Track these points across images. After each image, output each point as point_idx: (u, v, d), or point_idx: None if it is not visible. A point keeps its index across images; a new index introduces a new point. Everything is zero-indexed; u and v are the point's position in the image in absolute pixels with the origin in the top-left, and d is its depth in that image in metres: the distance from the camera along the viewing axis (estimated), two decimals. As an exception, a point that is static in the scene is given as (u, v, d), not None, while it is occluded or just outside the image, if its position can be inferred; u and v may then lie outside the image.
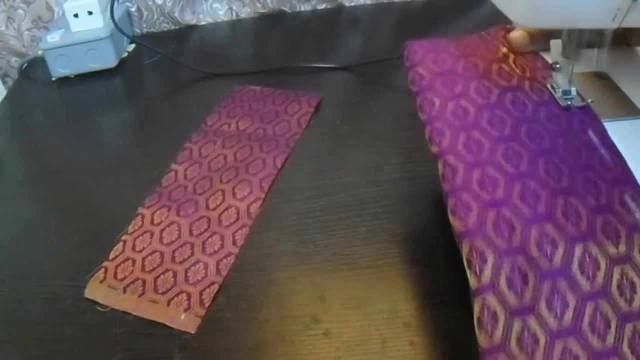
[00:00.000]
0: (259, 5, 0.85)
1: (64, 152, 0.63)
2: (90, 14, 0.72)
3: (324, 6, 0.87)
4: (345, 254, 0.46)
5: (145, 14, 0.84)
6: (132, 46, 0.80)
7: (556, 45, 0.40)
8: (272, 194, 0.52)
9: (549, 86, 0.40)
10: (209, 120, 0.63)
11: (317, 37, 0.80)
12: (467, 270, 0.32)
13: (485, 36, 0.44)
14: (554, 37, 0.40)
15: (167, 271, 0.45)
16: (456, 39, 0.45)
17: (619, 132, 0.38)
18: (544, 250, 0.32)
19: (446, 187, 0.34)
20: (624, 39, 0.44)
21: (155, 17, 0.84)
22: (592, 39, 0.42)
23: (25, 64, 0.79)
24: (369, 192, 0.51)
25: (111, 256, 0.47)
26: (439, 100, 0.38)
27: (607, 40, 0.42)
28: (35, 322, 0.43)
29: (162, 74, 0.75)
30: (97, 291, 0.44)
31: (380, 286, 0.43)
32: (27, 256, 0.49)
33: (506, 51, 0.42)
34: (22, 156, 0.65)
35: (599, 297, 0.31)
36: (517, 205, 0.33)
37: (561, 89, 0.40)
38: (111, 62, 0.74)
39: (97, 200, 0.55)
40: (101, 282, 0.45)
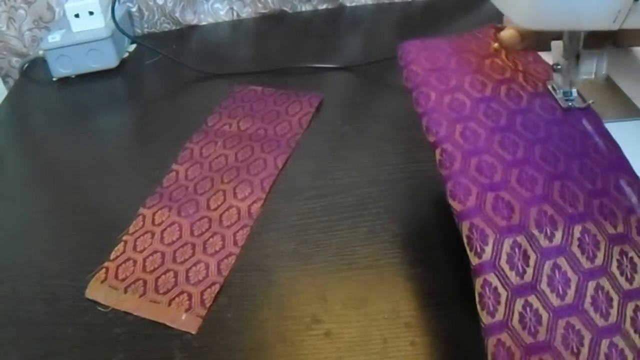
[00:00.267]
0: (260, 5, 0.85)
1: (65, 152, 0.63)
2: (91, 14, 0.72)
3: (325, 6, 0.87)
4: (346, 254, 0.46)
5: (146, 14, 0.84)
6: (133, 46, 0.80)
7: (557, 46, 0.40)
8: (273, 194, 0.52)
9: (550, 87, 0.40)
10: (210, 120, 0.63)
11: (318, 37, 0.80)
12: (467, 248, 0.32)
13: (476, 34, 0.44)
14: (554, 38, 0.40)
15: (168, 271, 0.45)
16: (448, 38, 0.45)
17: (620, 133, 0.38)
18: (544, 229, 0.32)
19: (444, 172, 0.35)
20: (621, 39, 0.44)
21: (156, 17, 0.84)
22: (593, 40, 0.42)
23: (26, 64, 0.79)
24: (370, 192, 0.51)
25: (112, 256, 0.47)
26: (434, 93, 0.39)
27: (608, 41, 0.42)
28: (36, 322, 0.43)
29: (163, 74, 0.75)
30: (98, 291, 0.45)
31: (381, 286, 0.43)
32: (28, 256, 0.49)
33: (497, 47, 0.42)
34: (23, 156, 0.65)
35: (600, 275, 0.31)
36: (515, 188, 0.33)
37: (562, 90, 0.40)
38: (112, 62, 0.74)
39: (98, 200, 0.55)
40: (102, 282, 0.45)
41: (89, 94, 0.72)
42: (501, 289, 0.31)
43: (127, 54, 0.78)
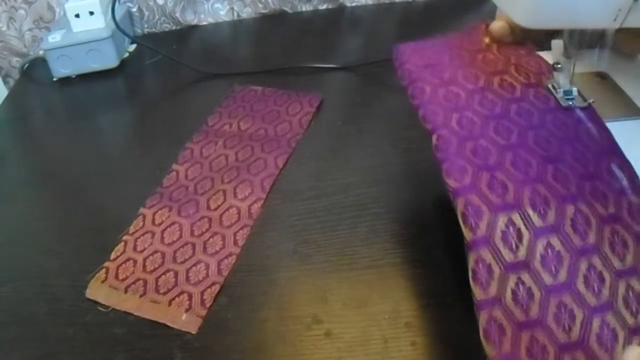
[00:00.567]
0: (260, 5, 0.85)
1: (66, 153, 0.63)
2: (91, 14, 0.72)
3: (325, 6, 0.87)
4: (346, 255, 0.46)
5: (146, 14, 0.84)
6: (133, 46, 0.80)
7: (557, 45, 0.40)
8: (274, 194, 0.52)
9: (550, 86, 0.40)
10: (210, 120, 0.63)
11: (318, 37, 0.80)
12: (461, 224, 0.32)
13: (468, 31, 0.45)
14: (555, 37, 0.40)
15: (168, 271, 0.45)
16: (441, 37, 0.46)
17: (620, 133, 0.38)
18: (538, 208, 0.33)
19: (440, 155, 0.35)
20: (622, 38, 0.44)
21: (156, 17, 0.84)
22: (594, 39, 0.42)
23: (26, 64, 0.79)
24: (370, 193, 0.51)
25: (112, 256, 0.47)
26: (429, 87, 0.40)
27: (609, 40, 0.42)
28: (36, 323, 0.43)
29: (163, 74, 0.75)
30: (98, 291, 0.45)
31: (381, 286, 0.43)
32: (28, 256, 0.49)
33: (489, 42, 0.43)
34: (24, 156, 0.65)
35: (593, 254, 0.32)
36: (509, 170, 0.34)
37: (562, 89, 0.40)
38: (112, 62, 0.74)
39: (98, 200, 0.55)
40: (102, 282, 0.45)
41: (89, 94, 0.72)
42: (494, 265, 0.31)
43: (127, 54, 0.78)
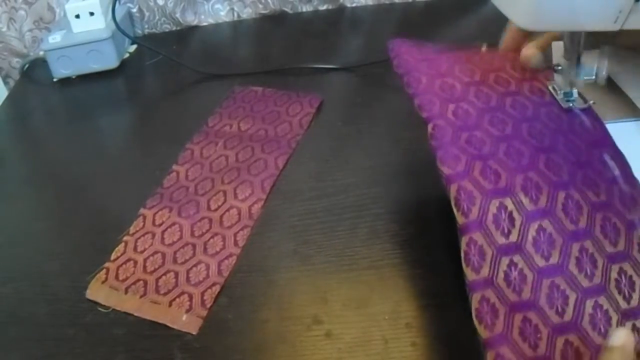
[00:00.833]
0: (260, 5, 0.85)
1: (66, 153, 0.63)
2: (91, 14, 0.72)
3: (325, 7, 0.87)
4: (346, 255, 0.46)
5: (146, 14, 0.84)
6: (134, 47, 0.80)
7: (558, 47, 0.40)
8: (274, 195, 0.52)
9: (551, 88, 0.40)
10: (211, 121, 0.63)
11: (318, 37, 0.80)
12: (454, 209, 0.33)
13: (480, 52, 0.45)
14: (556, 39, 0.40)
15: (168, 272, 0.45)
16: (441, 45, 0.46)
17: (620, 133, 0.38)
18: (529, 193, 0.33)
19: (435, 143, 0.36)
20: (622, 40, 0.44)
21: (156, 17, 0.84)
22: (594, 41, 0.42)
23: (26, 65, 0.79)
24: (371, 193, 0.51)
25: (113, 257, 0.47)
26: (425, 77, 0.40)
27: (609, 42, 0.42)
28: (37, 323, 0.43)
29: (163, 75, 0.75)
30: (98, 292, 0.45)
31: (381, 287, 0.43)
32: (28, 257, 0.49)
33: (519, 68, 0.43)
34: (24, 157, 0.65)
35: (584, 238, 0.32)
36: (503, 159, 0.35)
37: (563, 91, 0.40)
38: (112, 62, 0.74)
39: (98, 201, 0.55)
40: (103, 283, 0.45)
41: (89, 95, 0.72)
42: (486, 248, 0.31)
43: (127, 55, 0.78)
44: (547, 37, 0.41)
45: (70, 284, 0.46)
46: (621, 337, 0.27)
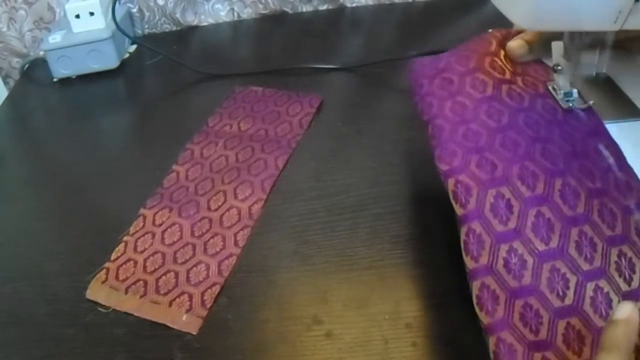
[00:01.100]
0: (260, 6, 0.85)
1: (66, 153, 0.63)
2: (91, 14, 0.72)
3: (325, 7, 0.87)
4: (346, 255, 0.46)
5: (146, 14, 0.84)
6: (134, 47, 0.80)
7: (558, 47, 0.40)
8: (274, 195, 0.52)
9: (551, 88, 0.40)
10: (211, 121, 0.63)
11: (318, 37, 0.80)
12: (452, 202, 0.33)
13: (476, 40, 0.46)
14: (555, 39, 0.40)
15: (168, 272, 0.45)
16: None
17: (620, 133, 0.38)
18: (526, 181, 0.33)
19: (434, 142, 0.37)
20: (624, 44, 0.44)
21: (156, 17, 0.84)
22: (594, 41, 0.42)
23: (26, 65, 0.79)
24: (371, 193, 0.51)
25: (113, 257, 0.47)
26: (426, 80, 0.42)
27: (609, 42, 0.42)
28: (37, 323, 0.43)
29: (163, 75, 0.75)
30: (98, 292, 0.45)
31: (382, 287, 0.43)
32: (28, 257, 0.49)
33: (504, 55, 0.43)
34: (24, 157, 0.65)
35: (583, 222, 0.32)
36: (499, 150, 0.35)
37: (563, 91, 0.40)
38: (113, 63, 0.74)
39: (98, 201, 0.55)
40: (103, 283, 0.45)
41: (89, 95, 0.72)
42: (485, 236, 0.32)
43: (127, 55, 0.78)
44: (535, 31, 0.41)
45: (70, 284, 0.46)
46: (626, 310, 0.27)
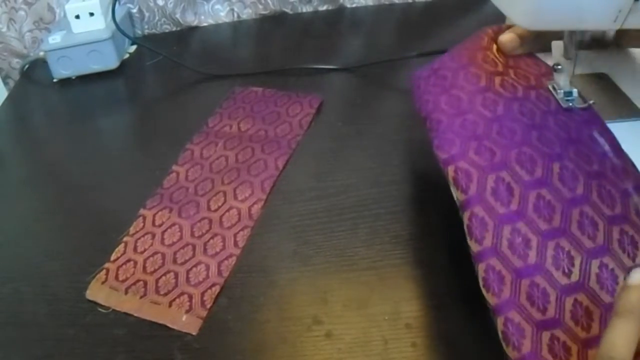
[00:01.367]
0: (260, 6, 0.85)
1: (66, 154, 0.63)
2: (91, 15, 0.72)
3: (325, 7, 0.87)
4: (346, 256, 0.46)
5: (146, 15, 0.84)
6: (134, 47, 0.80)
7: (557, 46, 0.40)
8: (274, 195, 0.52)
9: (551, 87, 0.40)
10: (211, 121, 0.63)
11: (318, 38, 0.80)
12: (453, 189, 0.34)
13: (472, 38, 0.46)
14: (554, 38, 0.40)
15: (168, 272, 0.45)
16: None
17: (620, 133, 0.38)
18: (525, 165, 0.34)
19: (432, 134, 0.37)
20: (622, 40, 0.44)
21: (156, 18, 0.84)
22: (593, 41, 0.42)
23: (26, 65, 0.79)
24: (371, 194, 0.51)
25: (113, 258, 0.47)
26: (423, 81, 0.42)
27: (609, 41, 0.42)
28: (37, 323, 0.43)
29: (163, 75, 0.75)
30: (98, 292, 0.45)
31: (382, 288, 0.43)
32: (28, 257, 0.49)
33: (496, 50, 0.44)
34: (24, 157, 0.65)
35: (583, 203, 0.33)
36: (496, 138, 0.36)
37: (562, 90, 0.40)
38: (112, 63, 0.74)
39: (98, 201, 0.55)
40: (103, 283, 0.45)
41: (89, 95, 0.72)
42: (488, 219, 0.32)
43: (127, 55, 0.78)
44: None
45: (70, 284, 0.46)
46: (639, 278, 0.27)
